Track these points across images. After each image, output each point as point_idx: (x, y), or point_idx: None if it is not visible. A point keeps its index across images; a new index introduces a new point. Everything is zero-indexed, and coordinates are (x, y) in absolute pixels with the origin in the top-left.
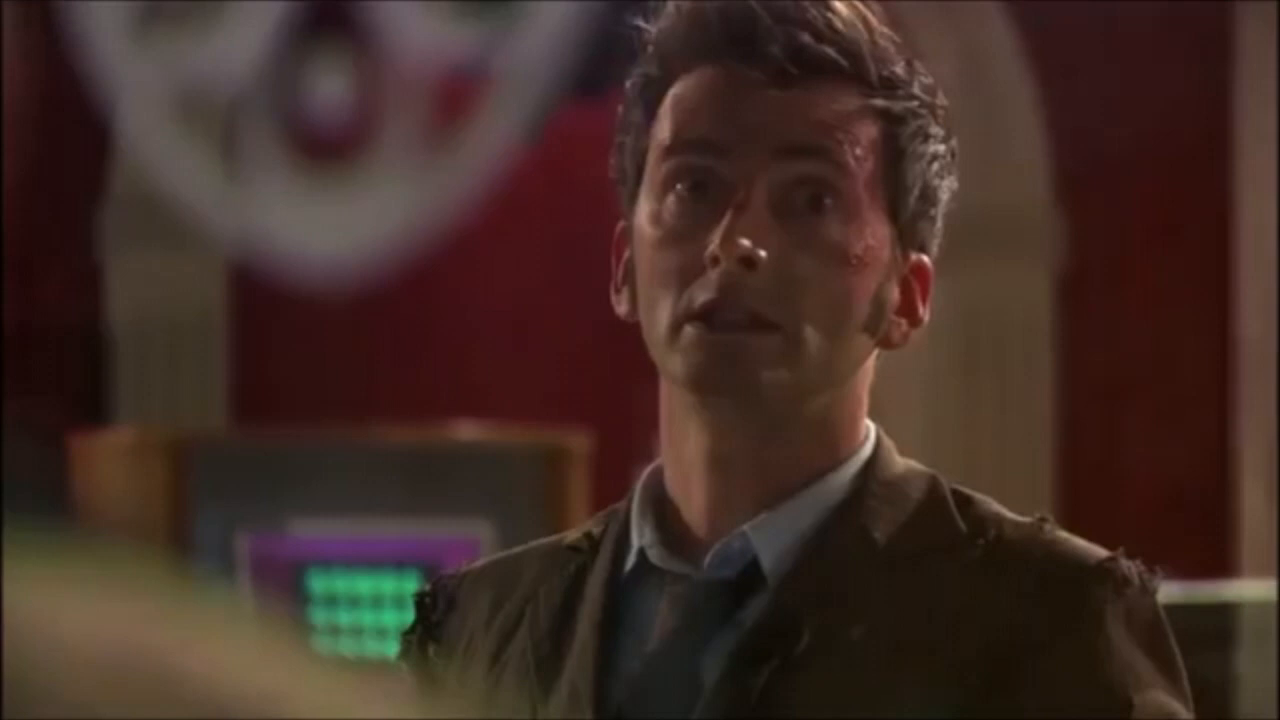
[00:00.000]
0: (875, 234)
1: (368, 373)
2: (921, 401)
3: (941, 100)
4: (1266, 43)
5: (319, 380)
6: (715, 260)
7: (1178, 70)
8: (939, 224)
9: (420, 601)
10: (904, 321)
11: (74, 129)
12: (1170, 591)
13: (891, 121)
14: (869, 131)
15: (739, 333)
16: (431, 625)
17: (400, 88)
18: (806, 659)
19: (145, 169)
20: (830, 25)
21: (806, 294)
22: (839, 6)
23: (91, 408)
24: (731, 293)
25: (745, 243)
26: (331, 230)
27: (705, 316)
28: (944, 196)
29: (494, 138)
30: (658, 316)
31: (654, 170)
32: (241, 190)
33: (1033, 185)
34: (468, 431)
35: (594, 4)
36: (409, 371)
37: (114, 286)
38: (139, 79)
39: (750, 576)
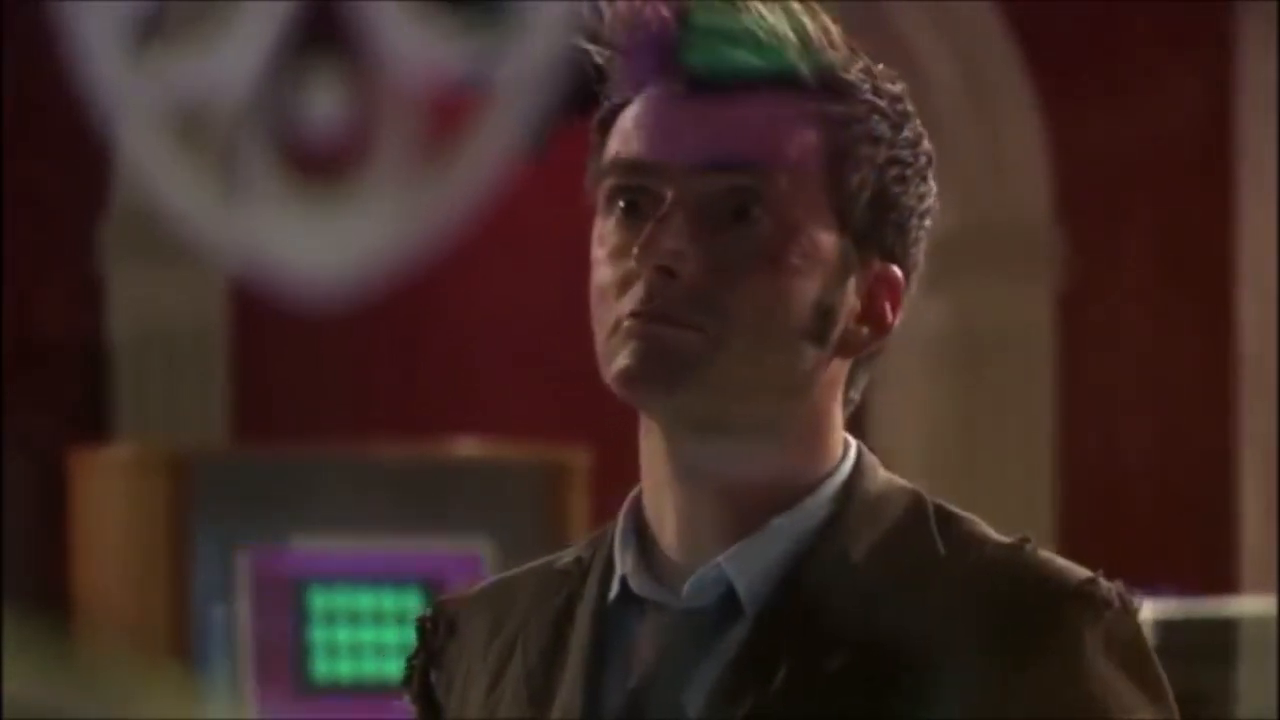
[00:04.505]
0: (816, 241)
1: (368, 388)
2: (922, 417)
3: (906, 106)
4: (1267, 56)
5: (320, 395)
6: (638, 271)
7: (1178, 85)
8: (915, 233)
9: (422, 627)
10: (866, 329)
11: (73, 143)
12: (1171, 607)
13: (831, 126)
14: (805, 137)
15: (663, 326)
16: (434, 652)
17: (397, 102)
18: (785, 691)
19: (143, 184)
20: (756, 34)
21: (730, 300)
22: (767, 14)
23: (91, 422)
24: (654, 299)
25: (662, 251)
26: (331, 245)
27: (633, 318)
28: (913, 204)
29: (493, 152)
30: (599, 331)
31: (601, 194)
32: (239, 206)
33: (1033, 201)
34: (468, 447)
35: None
36: (409, 387)
37: (114, 301)
38: (136, 95)
39: (729, 606)
